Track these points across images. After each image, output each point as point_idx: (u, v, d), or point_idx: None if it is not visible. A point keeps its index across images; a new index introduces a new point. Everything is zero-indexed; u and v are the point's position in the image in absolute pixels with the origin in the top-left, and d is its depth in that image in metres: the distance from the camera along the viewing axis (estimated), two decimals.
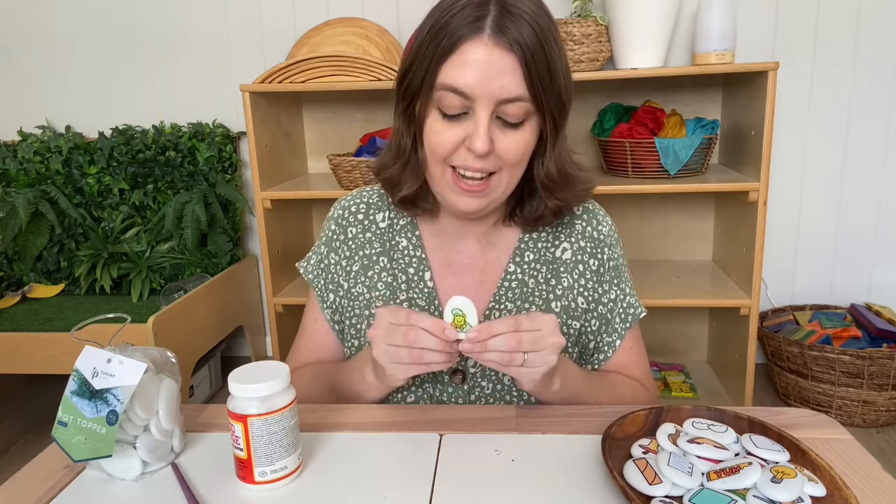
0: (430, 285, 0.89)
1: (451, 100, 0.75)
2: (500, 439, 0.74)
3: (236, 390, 0.65)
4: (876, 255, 2.28)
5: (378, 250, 0.91)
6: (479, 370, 0.86)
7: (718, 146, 2.19)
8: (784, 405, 2.16)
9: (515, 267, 0.90)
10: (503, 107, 0.75)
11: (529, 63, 0.73)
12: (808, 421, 0.77)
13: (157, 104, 2.44)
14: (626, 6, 1.85)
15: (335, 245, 0.94)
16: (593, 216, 0.93)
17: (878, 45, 2.12)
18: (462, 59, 0.74)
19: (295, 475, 0.68)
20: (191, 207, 2.21)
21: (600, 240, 0.92)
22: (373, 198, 0.95)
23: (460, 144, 0.77)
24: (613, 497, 0.63)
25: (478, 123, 0.75)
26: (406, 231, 0.92)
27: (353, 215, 0.94)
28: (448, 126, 0.77)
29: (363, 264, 0.91)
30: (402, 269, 0.90)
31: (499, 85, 0.73)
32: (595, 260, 0.91)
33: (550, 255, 0.91)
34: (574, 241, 0.91)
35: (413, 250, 0.91)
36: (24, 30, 2.44)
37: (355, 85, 1.93)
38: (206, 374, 2.31)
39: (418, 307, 0.88)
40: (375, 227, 0.93)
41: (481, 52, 0.73)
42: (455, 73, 0.74)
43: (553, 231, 0.91)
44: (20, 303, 2.22)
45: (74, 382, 0.68)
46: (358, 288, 0.91)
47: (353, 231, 0.93)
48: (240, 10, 2.34)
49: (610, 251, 0.92)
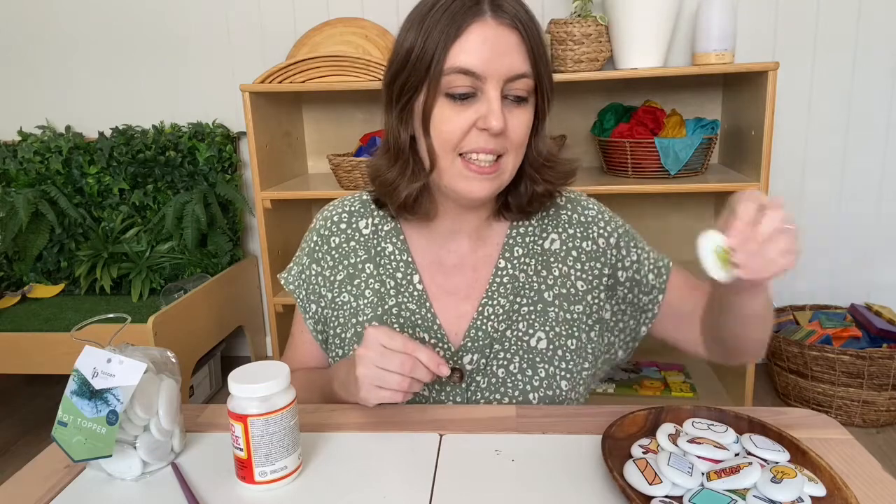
0: (420, 288, 0.89)
1: (461, 81, 0.76)
2: (500, 439, 0.74)
3: (236, 390, 0.65)
4: (876, 255, 2.28)
5: (363, 257, 0.91)
6: (475, 367, 0.86)
7: (718, 146, 2.19)
8: (784, 405, 2.16)
9: (506, 262, 0.90)
10: (509, 84, 0.77)
11: (532, 38, 0.77)
12: (808, 421, 0.77)
13: (157, 104, 2.44)
14: (626, 6, 1.85)
15: (317, 256, 0.94)
16: (577, 203, 0.94)
17: (878, 45, 2.12)
18: (470, 40, 0.76)
19: (295, 475, 0.68)
20: (191, 207, 2.21)
21: (588, 223, 0.92)
22: (354, 205, 0.95)
23: (471, 128, 0.78)
24: (613, 497, 0.63)
25: (491, 101, 0.76)
26: (391, 236, 0.92)
27: (335, 225, 0.94)
28: (458, 111, 0.78)
29: (349, 273, 0.91)
30: (389, 275, 0.90)
31: (507, 62, 0.76)
32: (588, 241, 0.91)
33: (539, 247, 0.91)
34: (562, 230, 0.92)
35: (399, 254, 0.91)
36: (24, 30, 2.44)
37: (355, 85, 1.93)
38: (206, 374, 2.32)
39: (409, 311, 0.88)
40: (359, 234, 0.93)
41: (488, 31, 0.75)
42: (463, 55, 0.76)
43: (539, 224, 0.92)
44: (20, 303, 2.23)
45: (74, 382, 0.68)
46: (343, 297, 0.91)
47: (337, 240, 0.93)
48: (240, 10, 2.34)
49: (604, 226, 0.92)
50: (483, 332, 0.87)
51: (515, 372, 0.86)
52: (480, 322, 0.87)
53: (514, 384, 0.86)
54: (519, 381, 0.85)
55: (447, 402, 0.87)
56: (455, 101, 0.77)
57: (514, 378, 0.86)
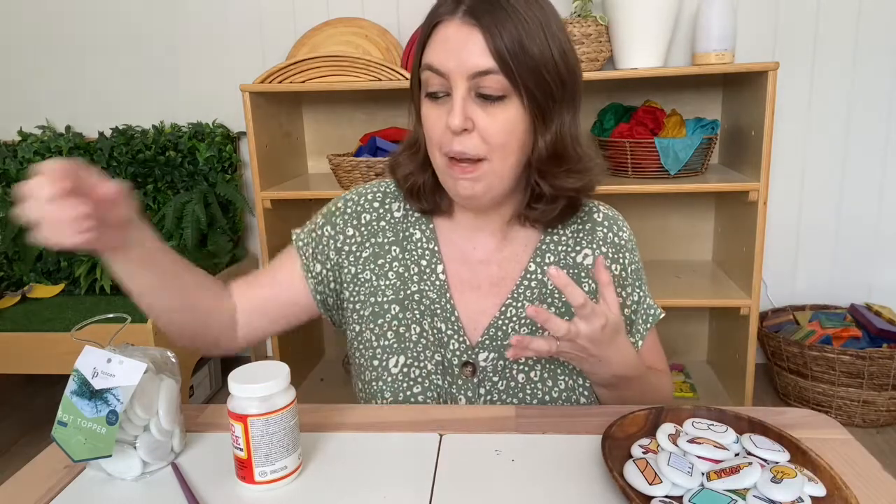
0: (443, 277, 0.89)
1: (433, 79, 0.78)
2: (500, 439, 0.74)
3: (236, 390, 0.65)
4: (876, 255, 2.28)
5: (391, 239, 0.91)
6: (489, 364, 0.86)
7: (718, 146, 2.19)
8: (784, 405, 2.16)
9: (536, 266, 0.89)
10: (479, 80, 0.76)
11: (495, 37, 0.74)
12: (808, 421, 0.77)
13: (157, 104, 2.44)
14: (626, 6, 1.85)
15: (335, 220, 0.92)
16: (613, 222, 0.93)
17: (878, 45, 2.12)
18: (437, 39, 0.78)
19: (295, 475, 0.68)
20: (191, 207, 2.21)
21: (621, 245, 0.92)
22: (390, 188, 0.94)
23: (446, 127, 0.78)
24: (613, 497, 0.63)
25: (453, 100, 0.77)
26: (420, 223, 0.92)
27: (368, 203, 0.93)
28: (435, 109, 0.79)
29: (374, 252, 0.91)
30: (414, 261, 0.90)
31: (466, 58, 0.75)
32: (617, 265, 0.91)
33: (571, 259, 0.90)
34: (596, 247, 0.91)
35: (426, 242, 0.91)
36: (23, 30, 2.44)
37: (355, 85, 1.93)
38: (206, 374, 2.32)
39: (429, 299, 0.88)
40: (391, 216, 0.92)
41: (450, 30, 0.76)
42: (431, 53, 0.78)
43: (574, 236, 0.91)
44: (20, 303, 2.22)
45: (74, 382, 0.68)
46: (366, 274, 0.90)
47: (368, 217, 0.92)
48: (240, 10, 2.34)
49: (631, 255, 0.93)
50: (503, 333, 0.87)
51: (536, 380, 0.86)
52: (501, 322, 0.87)
53: (532, 392, 0.86)
54: (538, 390, 0.85)
55: (460, 398, 0.86)
56: (433, 99, 0.79)
57: (533, 385, 0.85)
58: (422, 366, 0.87)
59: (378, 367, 0.88)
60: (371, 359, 0.89)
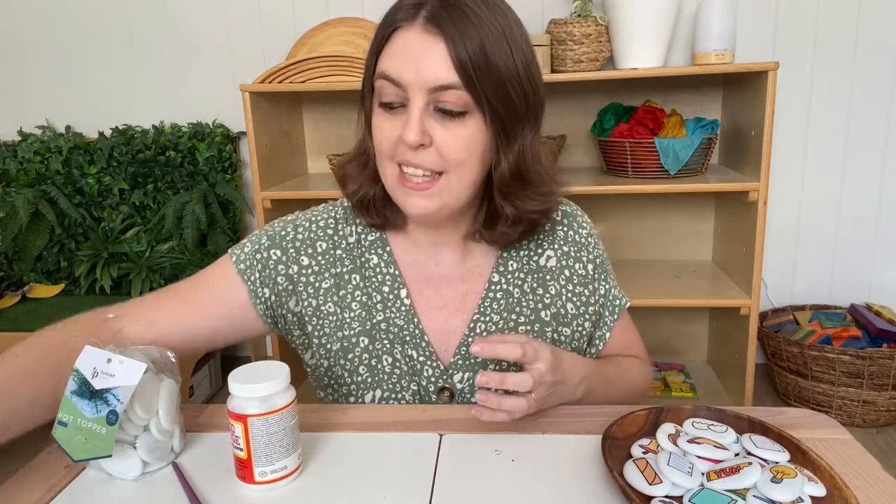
0: (407, 303, 0.85)
1: (388, 89, 0.73)
2: (500, 439, 0.74)
3: (236, 390, 0.65)
4: (876, 255, 2.28)
5: (349, 268, 0.86)
6: (466, 385, 0.85)
7: (718, 146, 2.19)
8: (784, 405, 2.16)
9: (500, 277, 0.87)
10: (438, 95, 0.71)
11: (459, 48, 0.69)
12: (808, 421, 0.77)
13: (157, 104, 2.44)
14: (626, 6, 1.85)
15: (284, 245, 0.86)
16: (573, 220, 0.92)
17: (878, 45, 2.12)
18: (394, 46, 0.73)
19: (295, 475, 0.68)
20: (191, 207, 2.21)
21: (582, 243, 0.91)
22: (338, 212, 0.90)
23: (399, 139, 0.73)
24: (613, 497, 0.63)
25: (410, 112, 0.72)
26: (376, 247, 0.87)
27: (321, 230, 0.88)
28: (388, 120, 0.75)
29: (335, 283, 0.86)
30: (375, 288, 0.86)
31: (427, 70, 0.70)
32: (580, 264, 0.90)
33: (534, 263, 0.89)
34: (557, 247, 0.90)
35: (385, 266, 0.86)
36: (23, 30, 2.44)
37: (355, 85, 1.92)
38: (206, 374, 2.32)
39: (397, 326, 0.84)
40: (345, 242, 0.87)
41: (410, 38, 0.71)
42: (386, 61, 0.73)
43: (535, 239, 0.89)
44: (20, 303, 2.22)
45: (74, 382, 0.68)
46: (328, 307, 0.85)
47: (324, 245, 0.87)
48: (240, 11, 2.34)
49: (594, 251, 0.92)
50: None
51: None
52: (472, 339, 0.84)
53: None
54: None
55: None
56: (387, 109, 0.75)
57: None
58: (399, 397, 0.84)
59: (354, 403, 0.86)
60: (347, 395, 0.86)
